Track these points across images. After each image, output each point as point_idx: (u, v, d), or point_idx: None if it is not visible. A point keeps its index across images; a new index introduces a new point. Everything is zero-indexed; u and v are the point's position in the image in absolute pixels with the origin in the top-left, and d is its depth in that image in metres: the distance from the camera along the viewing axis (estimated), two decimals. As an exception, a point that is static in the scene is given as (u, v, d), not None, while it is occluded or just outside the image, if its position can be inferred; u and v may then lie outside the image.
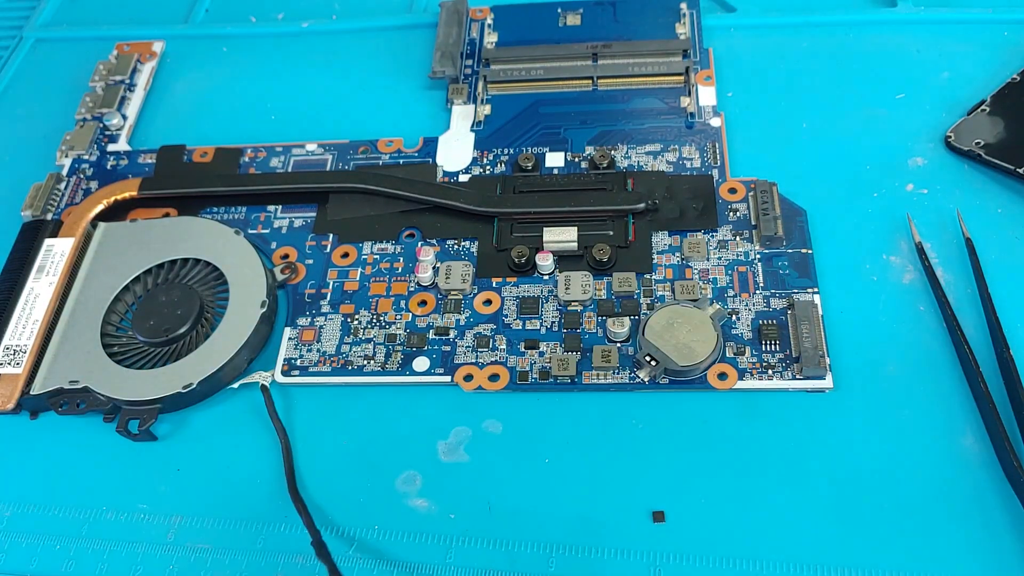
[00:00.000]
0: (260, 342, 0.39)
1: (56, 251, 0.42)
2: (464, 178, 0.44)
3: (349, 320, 0.40)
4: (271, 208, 0.44)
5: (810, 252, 0.39)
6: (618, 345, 0.37)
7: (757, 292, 0.38)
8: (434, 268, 0.40)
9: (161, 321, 0.39)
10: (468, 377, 0.37)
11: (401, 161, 0.45)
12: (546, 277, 0.40)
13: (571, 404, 0.37)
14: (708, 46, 0.47)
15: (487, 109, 0.47)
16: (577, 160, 0.44)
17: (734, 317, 0.37)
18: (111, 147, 0.49)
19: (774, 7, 0.50)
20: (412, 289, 0.40)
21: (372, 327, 0.39)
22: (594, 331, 0.38)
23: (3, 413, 0.38)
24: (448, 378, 0.37)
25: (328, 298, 0.40)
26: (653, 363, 0.35)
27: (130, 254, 0.42)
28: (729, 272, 0.39)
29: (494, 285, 0.40)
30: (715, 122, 0.44)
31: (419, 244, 0.42)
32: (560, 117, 0.46)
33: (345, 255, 0.42)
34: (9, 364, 0.39)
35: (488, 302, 0.39)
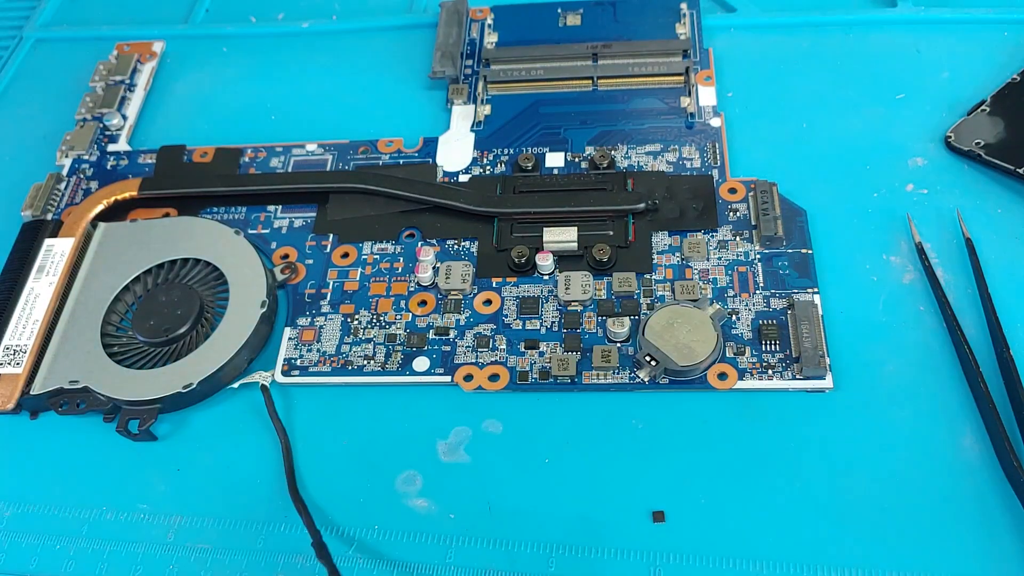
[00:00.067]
0: (260, 342, 0.39)
1: (56, 251, 0.42)
2: (464, 178, 0.44)
3: (349, 320, 0.40)
4: (271, 208, 0.44)
5: (810, 252, 0.39)
6: (618, 345, 0.37)
7: (757, 292, 0.38)
8: (434, 268, 0.40)
9: (161, 321, 0.39)
10: (468, 377, 0.37)
11: (401, 161, 0.45)
12: (546, 277, 0.40)
13: (571, 404, 0.37)
14: (708, 46, 0.47)
15: (487, 109, 0.47)
16: (577, 160, 0.44)
17: (734, 317, 0.37)
18: (111, 147, 0.49)
19: (774, 7, 0.50)
20: (412, 289, 0.40)
21: (372, 327, 0.39)
22: (594, 331, 0.38)
23: (3, 413, 0.38)
24: (448, 378, 0.37)
25: (328, 298, 0.40)
26: (653, 363, 0.35)
27: (130, 254, 0.42)
28: (729, 272, 0.39)
29: (494, 285, 0.40)
30: (715, 122, 0.44)
31: (419, 244, 0.42)
32: (560, 117, 0.46)
33: (345, 255, 0.42)
34: (9, 364, 0.39)
35: (488, 302, 0.39)
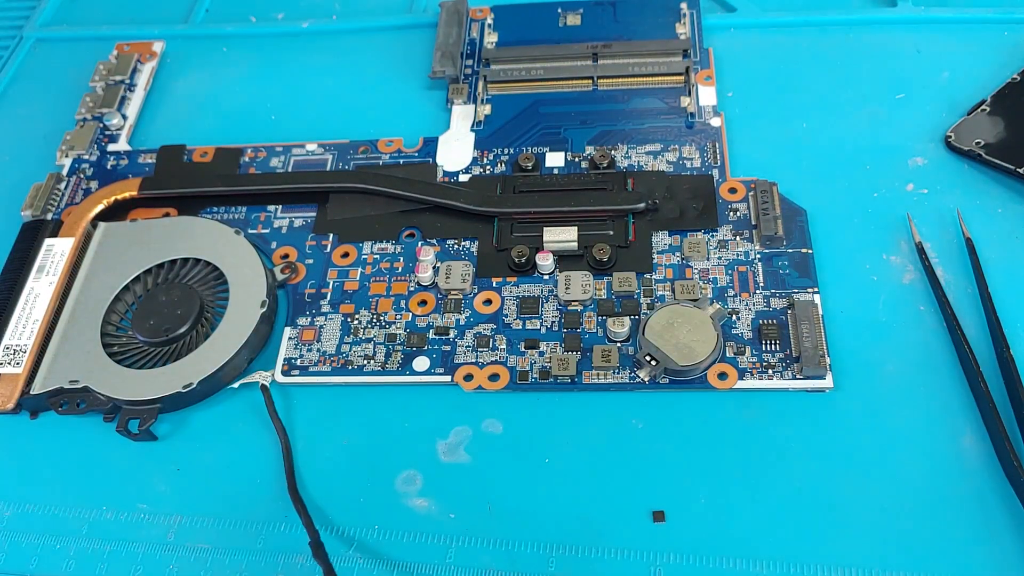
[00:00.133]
0: (260, 342, 0.39)
1: (56, 251, 0.42)
2: (464, 178, 0.44)
3: (349, 320, 0.40)
4: (271, 208, 0.44)
5: (810, 252, 0.39)
6: (618, 345, 0.37)
7: (757, 292, 0.38)
8: (434, 268, 0.40)
9: (161, 321, 0.39)
10: (468, 377, 0.37)
11: (401, 161, 0.45)
12: (546, 277, 0.40)
13: (571, 404, 0.37)
14: (708, 46, 0.47)
15: (487, 109, 0.47)
16: (577, 160, 0.44)
17: (734, 317, 0.37)
18: (111, 147, 0.49)
19: (774, 7, 0.50)
20: (412, 289, 0.40)
21: (372, 327, 0.39)
22: (594, 331, 0.38)
23: (3, 413, 0.38)
24: (448, 378, 0.37)
25: (328, 298, 0.40)
26: (653, 363, 0.35)
27: (130, 254, 0.42)
28: (729, 272, 0.39)
29: (494, 285, 0.40)
30: (715, 122, 0.44)
31: (419, 244, 0.42)
32: (560, 117, 0.46)
33: (345, 255, 0.42)
34: (9, 364, 0.39)
35: (488, 302, 0.39)
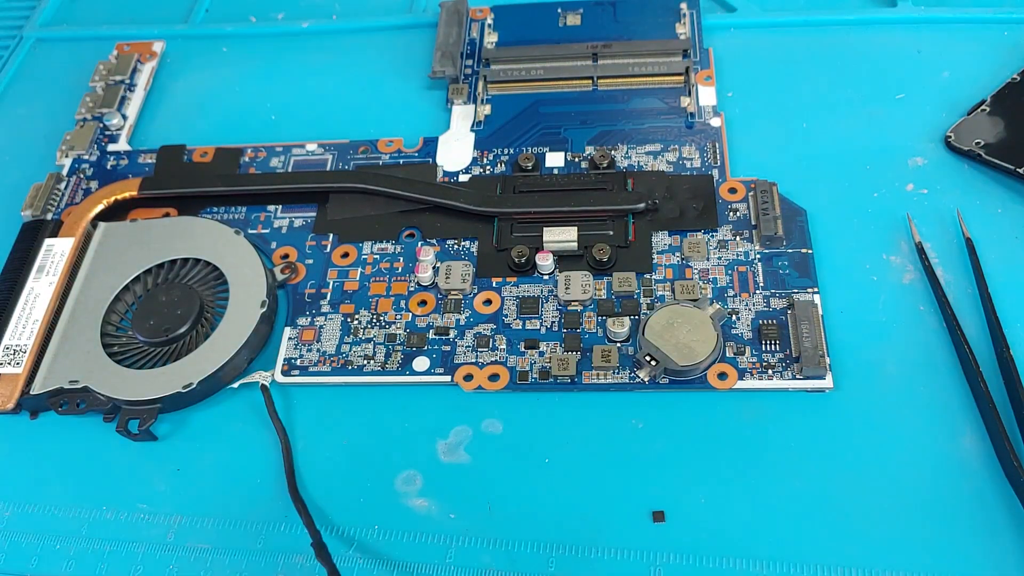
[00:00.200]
0: (260, 342, 0.39)
1: (56, 251, 0.42)
2: (464, 178, 0.44)
3: (349, 320, 0.40)
4: (271, 208, 0.44)
5: (810, 252, 0.39)
6: (618, 345, 0.37)
7: (757, 292, 0.38)
8: (434, 268, 0.40)
9: (161, 321, 0.39)
10: (468, 377, 0.37)
11: (401, 161, 0.45)
12: (546, 277, 0.40)
13: (571, 404, 0.37)
14: (708, 46, 0.47)
15: (487, 109, 0.47)
16: (577, 160, 0.44)
17: (734, 317, 0.37)
18: (111, 147, 0.49)
19: (774, 7, 0.50)
20: (412, 289, 0.40)
21: (372, 327, 0.39)
22: (594, 331, 0.38)
23: (3, 413, 0.38)
24: (448, 378, 0.37)
25: (328, 298, 0.40)
26: (653, 363, 0.35)
27: (130, 254, 0.42)
28: (729, 272, 0.39)
29: (494, 285, 0.40)
30: (715, 122, 0.44)
31: (419, 244, 0.42)
32: (560, 117, 0.46)
33: (345, 255, 0.42)
34: (9, 364, 0.39)
35: (488, 302, 0.39)
